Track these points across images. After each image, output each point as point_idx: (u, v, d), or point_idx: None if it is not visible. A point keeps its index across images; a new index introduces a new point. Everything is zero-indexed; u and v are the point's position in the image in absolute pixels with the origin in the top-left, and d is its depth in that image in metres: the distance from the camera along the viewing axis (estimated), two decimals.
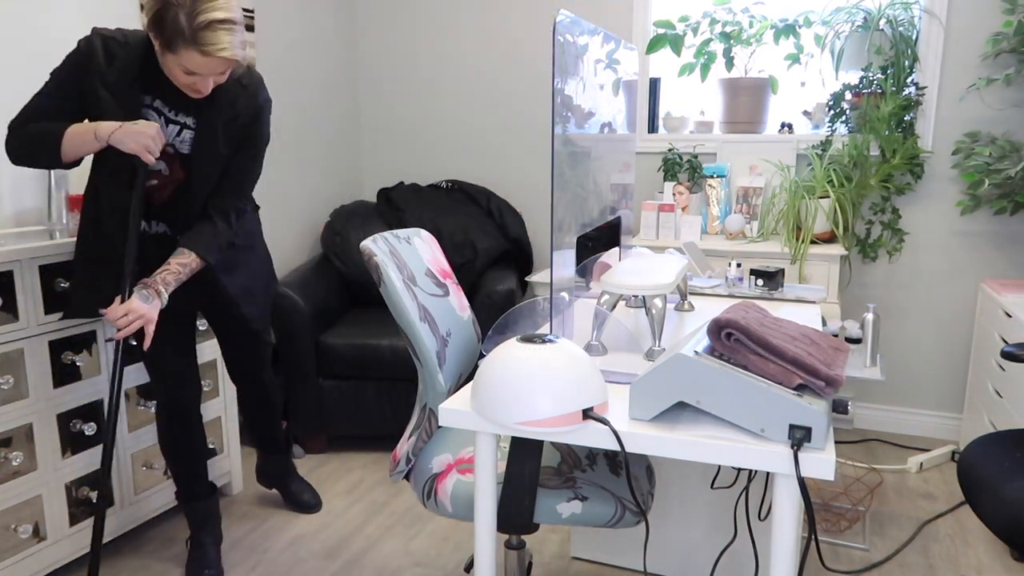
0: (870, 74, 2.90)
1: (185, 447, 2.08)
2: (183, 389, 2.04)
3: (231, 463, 2.56)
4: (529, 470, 1.36)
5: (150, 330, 1.76)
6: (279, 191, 3.28)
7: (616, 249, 1.95)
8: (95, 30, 1.75)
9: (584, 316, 1.58)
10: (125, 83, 1.73)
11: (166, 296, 1.78)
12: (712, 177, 3.05)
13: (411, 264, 1.60)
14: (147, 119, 1.78)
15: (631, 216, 2.06)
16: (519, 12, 3.42)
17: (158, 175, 1.86)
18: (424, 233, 1.79)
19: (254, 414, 2.35)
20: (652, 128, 3.36)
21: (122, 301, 1.76)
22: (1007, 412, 2.39)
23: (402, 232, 1.69)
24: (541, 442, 1.35)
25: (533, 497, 1.39)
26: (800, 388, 1.12)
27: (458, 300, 1.74)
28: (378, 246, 1.51)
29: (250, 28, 3.02)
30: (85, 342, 2.05)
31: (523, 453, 1.35)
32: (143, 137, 1.69)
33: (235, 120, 1.83)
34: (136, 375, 2.20)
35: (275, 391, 2.34)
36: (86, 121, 1.76)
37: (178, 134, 1.82)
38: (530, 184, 3.56)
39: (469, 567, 1.55)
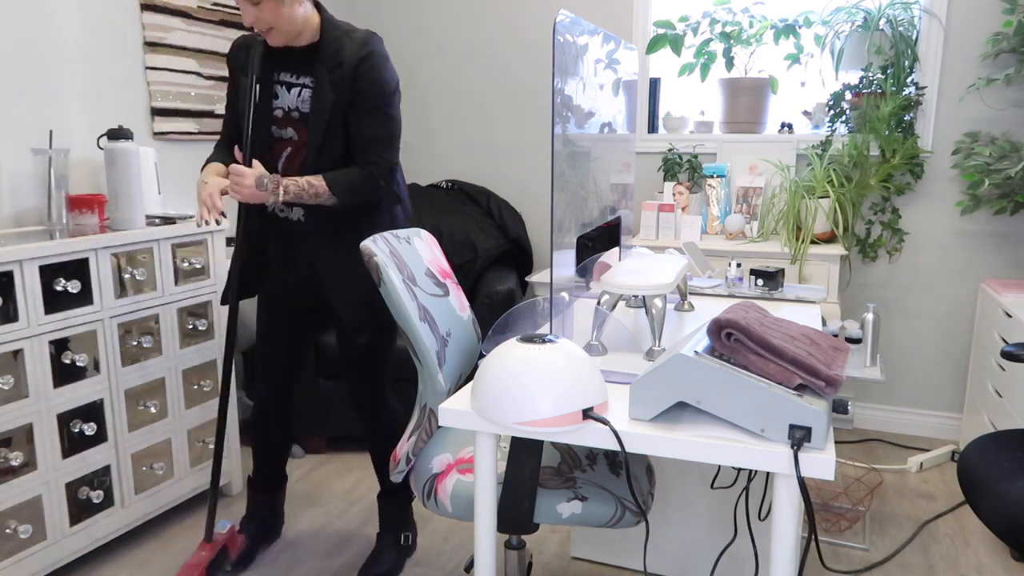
0: (870, 74, 2.90)
1: (262, 445, 2.20)
2: (270, 410, 2.15)
3: (231, 463, 2.56)
4: (529, 470, 1.36)
5: (217, 199, 1.80)
6: None
7: (616, 249, 1.95)
8: (239, 37, 1.97)
9: (584, 316, 1.58)
10: (256, 64, 1.85)
11: (282, 194, 1.79)
12: (712, 177, 3.05)
13: (411, 264, 1.60)
14: (276, 94, 1.89)
15: (631, 216, 2.06)
16: (519, 12, 3.42)
17: (290, 142, 1.90)
18: (424, 233, 1.79)
19: (370, 447, 2.16)
20: (652, 128, 3.36)
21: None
22: (1007, 412, 2.39)
23: (402, 232, 1.69)
24: (541, 442, 1.35)
25: (533, 497, 1.39)
26: (800, 388, 1.12)
27: (458, 300, 1.74)
28: (378, 246, 1.51)
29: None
30: (85, 342, 2.05)
31: (523, 453, 1.35)
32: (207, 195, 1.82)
33: (339, 67, 1.82)
34: (137, 375, 2.21)
35: (384, 423, 2.12)
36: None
37: (299, 95, 1.88)
38: (530, 184, 3.56)
39: (469, 567, 1.55)
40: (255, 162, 1.81)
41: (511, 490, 1.38)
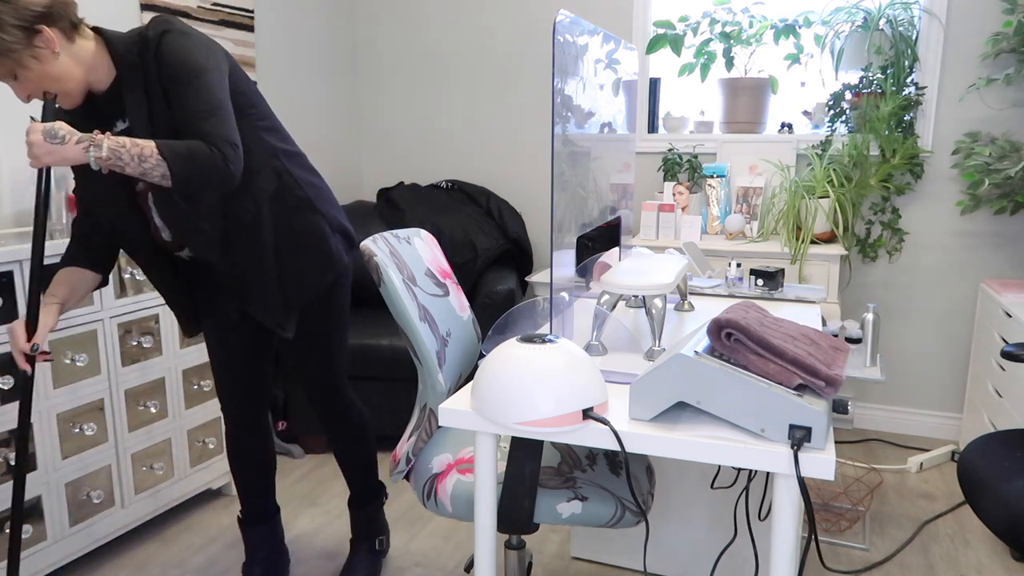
0: (870, 74, 2.90)
1: (245, 479, 2.03)
2: (239, 415, 1.96)
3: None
4: (529, 470, 1.36)
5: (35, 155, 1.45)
6: None
7: (616, 249, 1.95)
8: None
9: (584, 316, 1.58)
10: (82, 125, 1.59)
11: (97, 150, 1.44)
12: (712, 177, 3.05)
13: (411, 264, 1.60)
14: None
15: (631, 216, 2.06)
16: (519, 12, 3.42)
17: (146, 189, 1.66)
18: (424, 233, 1.79)
19: (336, 452, 2.06)
20: (652, 128, 3.36)
21: (28, 330, 1.60)
22: (1007, 412, 2.39)
23: (402, 232, 1.69)
24: (541, 442, 1.35)
25: (533, 497, 1.39)
26: (800, 388, 1.12)
27: (458, 300, 1.74)
28: (378, 246, 1.51)
29: (250, 28, 3.02)
30: (85, 342, 2.05)
31: (523, 453, 1.35)
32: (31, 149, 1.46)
33: (145, 78, 1.53)
34: (137, 375, 2.20)
35: (353, 426, 2.00)
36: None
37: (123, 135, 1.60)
38: (530, 184, 3.56)
39: (469, 567, 1.55)
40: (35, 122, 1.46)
41: (511, 490, 1.38)
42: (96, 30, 1.55)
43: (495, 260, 3.33)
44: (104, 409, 2.12)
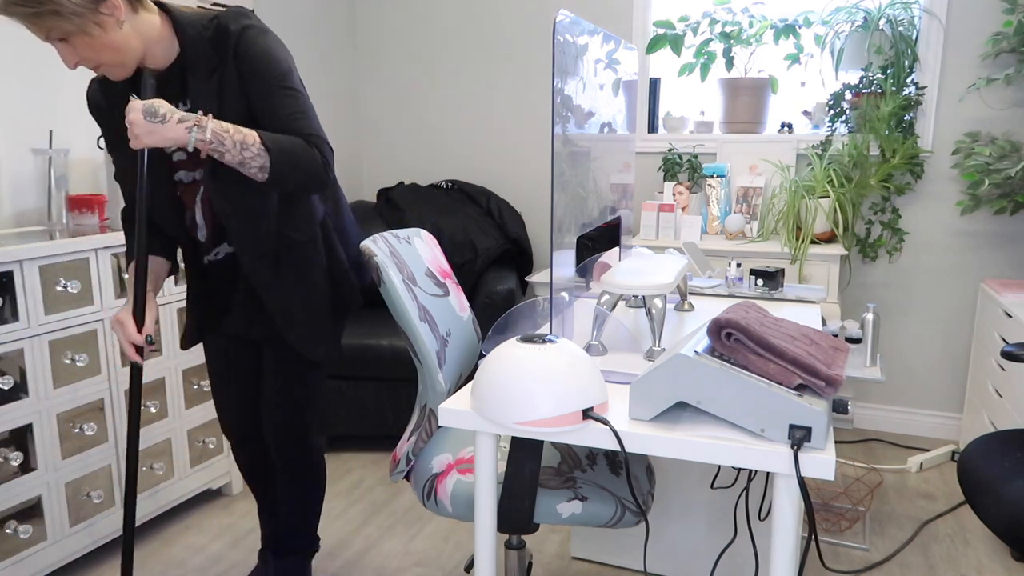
0: (870, 74, 2.90)
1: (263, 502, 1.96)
2: (239, 428, 1.89)
3: (231, 463, 2.56)
4: (529, 470, 1.37)
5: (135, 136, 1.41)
6: None
7: (616, 249, 1.95)
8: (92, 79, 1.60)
9: (584, 316, 1.58)
10: (123, 103, 1.54)
11: (199, 131, 1.40)
12: (712, 177, 3.05)
13: (411, 264, 1.60)
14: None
15: (631, 216, 2.06)
16: (519, 12, 3.42)
17: (202, 182, 1.59)
18: (424, 233, 1.79)
19: (282, 492, 1.87)
20: (652, 128, 3.36)
21: (137, 321, 1.58)
22: (1007, 412, 2.39)
23: (402, 232, 1.69)
24: (541, 442, 1.35)
25: (533, 497, 1.39)
26: (800, 388, 1.12)
27: (458, 300, 1.74)
28: (378, 246, 1.51)
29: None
30: (85, 342, 2.05)
31: (523, 453, 1.35)
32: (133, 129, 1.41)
33: (216, 71, 1.49)
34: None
35: (317, 467, 1.87)
36: None
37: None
38: (530, 184, 3.56)
39: (469, 567, 1.55)
40: (134, 99, 1.43)
41: (511, 490, 1.38)
42: (161, 5, 1.50)
43: (495, 260, 3.33)
44: (104, 409, 2.12)
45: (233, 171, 1.51)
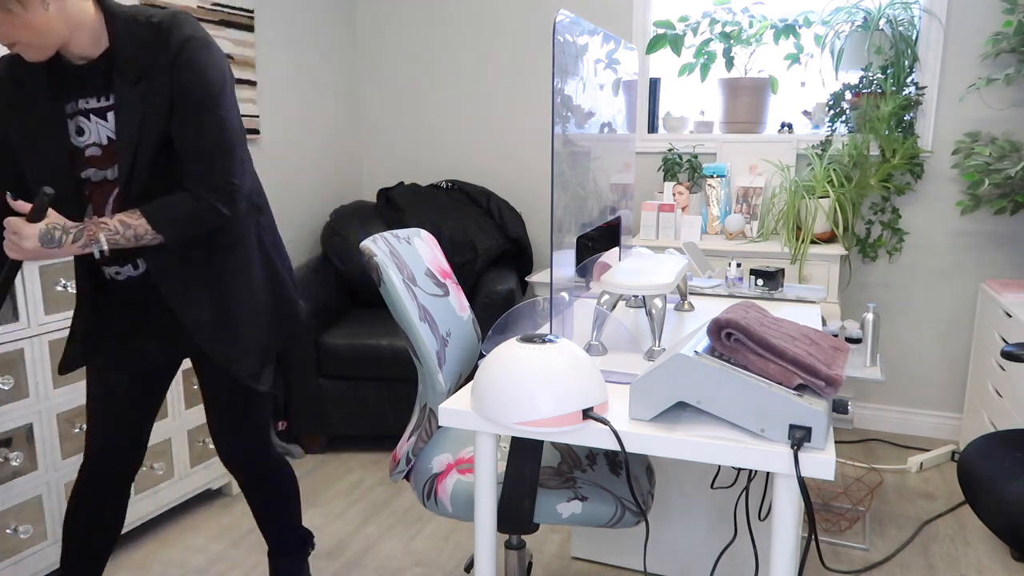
0: (870, 74, 2.90)
1: (78, 545, 1.66)
2: (109, 467, 1.63)
3: None
4: (529, 470, 1.37)
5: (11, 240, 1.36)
6: (279, 191, 3.28)
7: (616, 249, 1.95)
8: None
9: (584, 316, 1.58)
10: (39, 98, 1.42)
11: (103, 244, 1.38)
12: (712, 177, 3.05)
13: (411, 264, 1.60)
14: (82, 129, 1.45)
15: (631, 216, 2.06)
16: (519, 12, 3.42)
17: (116, 183, 1.47)
18: (424, 233, 1.78)
19: (254, 507, 1.83)
20: (652, 128, 3.36)
21: None
22: (1007, 412, 2.39)
23: (402, 232, 1.69)
24: (541, 442, 1.35)
25: (533, 497, 1.40)
26: (800, 388, 1.12)
27: (458, 300, 1.74)
28: (378, 246, 1.51)
29: (250, 28, 3.02)
30: None
31: (523, 453, 1.36)
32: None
33: (146, 75, 1.39)
34: None
35: (283, 477, 1.81)
36: None
37: (104, 118, 1.45)
38: (530, 184, 3.56)
39: (469, 567, 1.55)
40: (50, 212, 1.39)
41: (511, 490, 1.38)
42: None
43: (495, 260, 3.33)
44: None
45: (152, 170, 1.44)
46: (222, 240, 1.54)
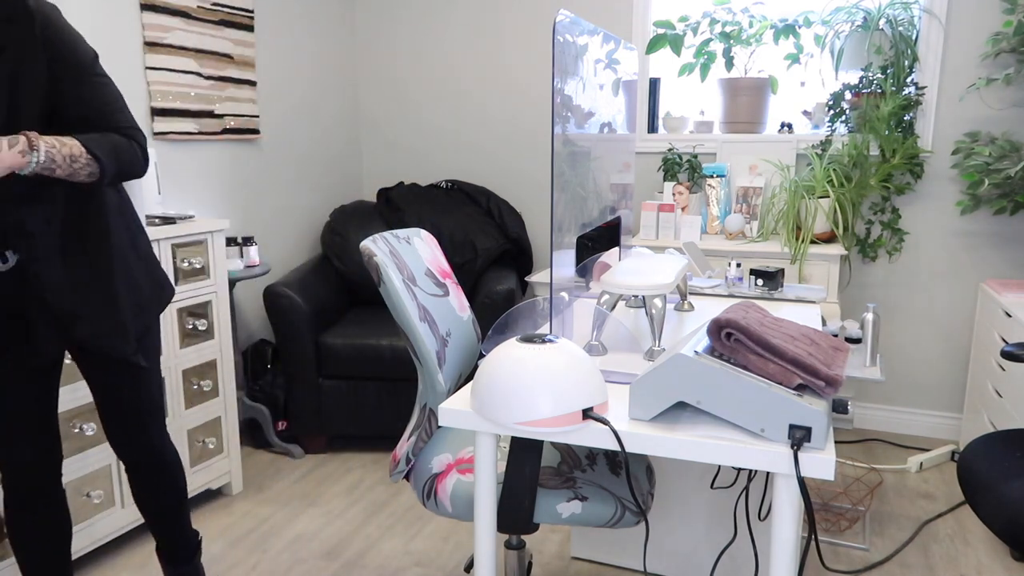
0: (870, 74, 2.90)
1: (33, 537, 1.62)
2: (34, 479, 1.58)
3: (231, 463, 2.56)
4: (529, 470, 1.37)
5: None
6: (279, 191, 3.28)
7: (616, 249, 1.95)
8: None
9: (584, 316, 1.58)
10: None
11: (42, 154, 1.31)
12: (712, 177, 3.05)
13: (411, 264, 1.61)
14: None
15: (631, 216, 2.06)
16: (519, 12, 3.42)
17: None
18: (424, 233, 1.79)
19: (154, 505, 1.74)
20: (652, 128, 3.36)
21: None
22: (1007, 412, 2.39)
23: (402, 232, 1.69)
24: (541, 442, 1.35)
25: (533, 497, 1.40)
26: (800, 388, 1.12)
27: (458, 300, 1.75)
28: (378, 246, 1.51)
29: (250, 28, 3.02)
30: None
31: (523, 453, 1.36)
32: None
33: (5, 50, 1.33)
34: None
35: (171, 466, 1.73)
36: None
37: None
38: (530, 184, 3.56)
39: (469, 567, 1.55)
40: None
41: (511, 490, 1.38)
42: None
43: (495, 260, 3.33)
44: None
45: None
46: (97, 219, 1.49)
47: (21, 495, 1.59)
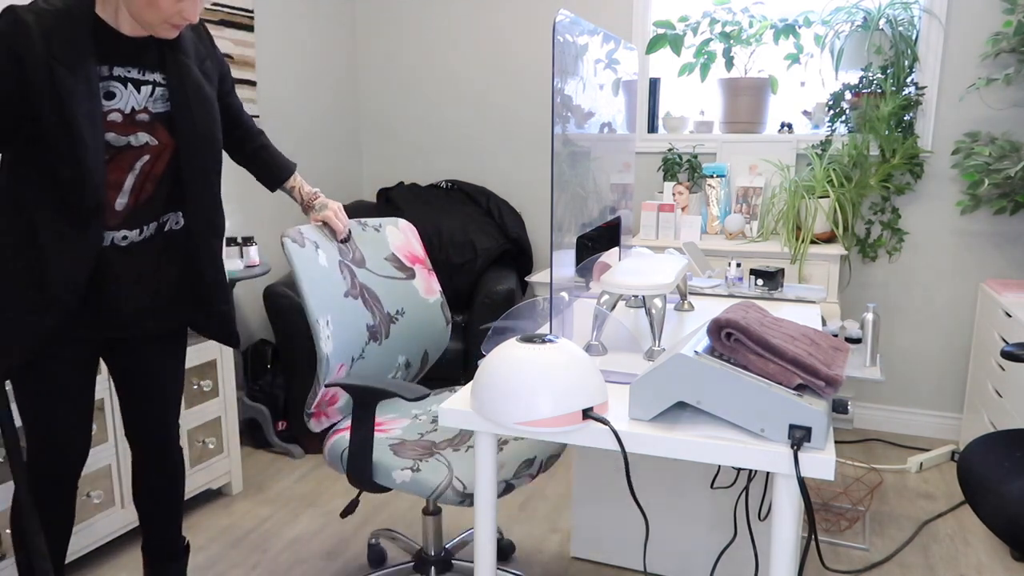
0: (870, 74, 2.90)
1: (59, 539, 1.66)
2: (71, 458, 1.62)
3: (231, 463, 2.56)
4: (364, 435, 1.60)
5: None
6: (279, 191, 3.27)
7: (616, 249, 1.95)
8: (9, 8, 1.38)
9: (584, 316, 1.58)
10: (79, 57, 1.39)
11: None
12: (712, 177, 3.05)
13: (368, 248, 1.86)
14: (113, 93, 1.46)
15: (631, 216, 2.06)
16: (519, 12, 3.42)
17: (146, 148, 1.51)
18: (402, 222, 2.01)
19: (152, 495, 1.81)
20: (652, 128, 3.36)
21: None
22: (1007, 412, 2.39)
23: (374, 220, 1.93)
24: (373, 409, 1.58)
25: (369, 459, 1.61)
26: (800, 388, 1.12)
27: (425, 284, 1.98)
28: (299, 234, 1.70)
29: (250, 28, 3.02)
30: None
31: (359, 421, 1.59)
32: None
33: (203, 53, 1.59)
34: None
35: (182, 458, 1.84)
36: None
37: (152, 93, 1.51)
38: (530, 184, 3.56)
39: (345, 513, 1.72)
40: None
41: (353, 449, 1.61)
42: None
43: (495, 260, 3.33)
44: (104, 409, 2.11)
45: (198, 122, 1.55)
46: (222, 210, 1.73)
47: (52, 488, 1.61)
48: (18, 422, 1.86)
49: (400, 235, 1.97)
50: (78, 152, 1.39)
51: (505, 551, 2.23)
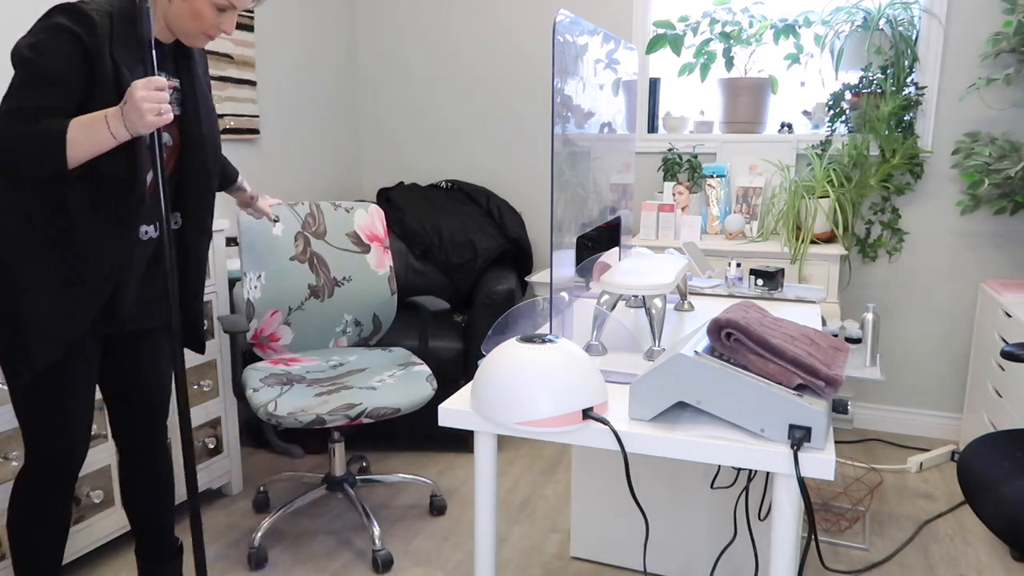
0: (870, 74, 2.90)
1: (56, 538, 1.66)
2: (77, 456, 1.63)
3: (231, 463, 2.56)
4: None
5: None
6: (279, 191, 3.28)
7: (616, 249, 1.95)
8: (77, 3, 1.41)
9: (584, 316, 1.58)
10: (133, 57, 1.45)
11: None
12: (712, 177, 3.05)
13: (332, 224, 2.38)
14: None
15: (631, 216, 2.06)
16: (519, 12, 3.42)
17: (165, 148, 1.57)
18: (372, 207, 2.48)
19: (147, 494, 1.83)
20: (652, 128, 3.36)
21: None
22: (1007, 412, 2.39)
23: (348, 203, 2.44)
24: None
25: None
26: (800, 388, 1.12)
27: (378, 258, 2.46)
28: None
29: (250, 28, 3.02)
30: None
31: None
32: (150, 101, 1.34)
33: (204, 62, 1.69)
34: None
35: (171, 458, 1.87)
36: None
37: (171, 96, 1.57)
38: (530, 184, 3.56)
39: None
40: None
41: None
42: None
43: (495, 260, 3.33)
44: (104, 410, 2.11)
45: (204, 125, 1.64)
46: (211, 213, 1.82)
47: (56, 487, 1.62)
48: (16, 423, 1.86)
49: (367, 216, 2.43)
50: (136, 146, 1.45)
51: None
